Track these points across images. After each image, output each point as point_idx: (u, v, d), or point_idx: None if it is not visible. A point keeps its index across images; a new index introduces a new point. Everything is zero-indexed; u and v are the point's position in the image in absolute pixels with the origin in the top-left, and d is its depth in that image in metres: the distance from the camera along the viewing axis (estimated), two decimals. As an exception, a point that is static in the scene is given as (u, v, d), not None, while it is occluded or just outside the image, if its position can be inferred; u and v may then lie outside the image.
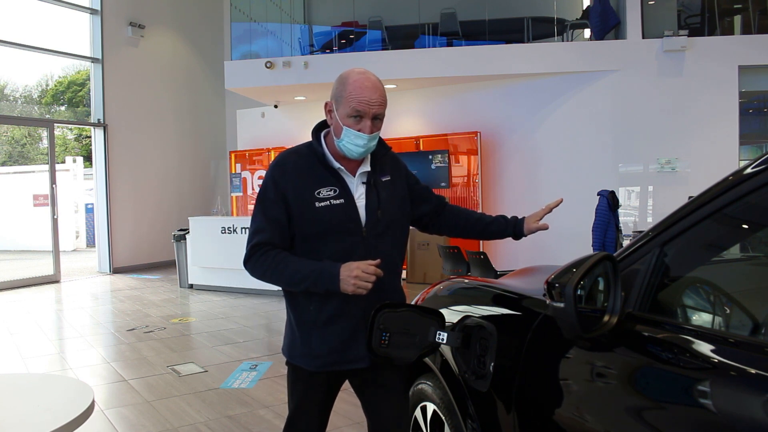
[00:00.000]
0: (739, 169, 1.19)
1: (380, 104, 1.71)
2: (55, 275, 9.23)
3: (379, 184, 1.80)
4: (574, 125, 8.32)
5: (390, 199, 1.82)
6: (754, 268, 1.46)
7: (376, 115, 1.71)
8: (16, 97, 16.49)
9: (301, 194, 1.72)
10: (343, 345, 1.76)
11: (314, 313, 1.76)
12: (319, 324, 1.76)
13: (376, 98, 1.69)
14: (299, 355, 1.80)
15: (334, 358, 1.77)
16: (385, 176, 1.84)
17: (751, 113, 8.43)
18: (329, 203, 1.72)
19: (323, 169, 1.76)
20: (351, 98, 1.68)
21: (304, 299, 1.77)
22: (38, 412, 1.97)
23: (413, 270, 8.25)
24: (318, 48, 10.10)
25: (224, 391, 3.98)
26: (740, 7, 8.66)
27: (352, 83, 1.69)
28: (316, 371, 1.79)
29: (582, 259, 1.27)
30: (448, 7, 9.15)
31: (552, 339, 1.45)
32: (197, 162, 11.89)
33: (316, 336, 1.77)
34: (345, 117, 1.70)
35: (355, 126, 1.69)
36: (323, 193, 1.72)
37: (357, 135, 1.70)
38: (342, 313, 1.75)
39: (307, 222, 1.73)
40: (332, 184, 1.74)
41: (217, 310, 6.73)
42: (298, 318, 1.80)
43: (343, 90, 1.71)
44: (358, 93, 1.68)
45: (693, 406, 1.09)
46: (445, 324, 1.67)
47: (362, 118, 1.69)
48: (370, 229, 1.76)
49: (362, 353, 1.75)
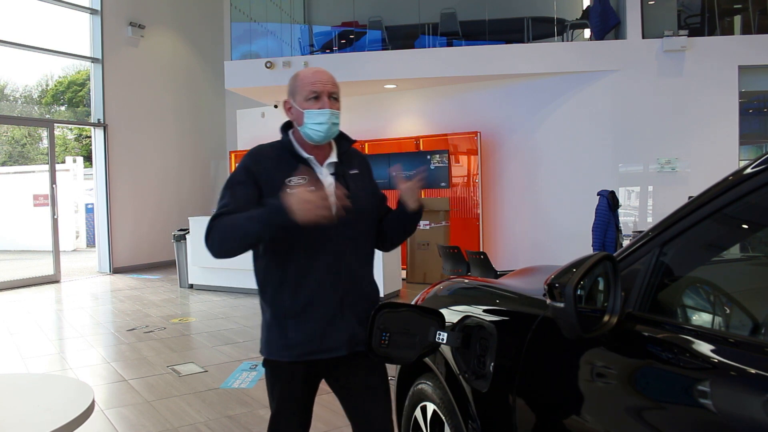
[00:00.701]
0: (739, 169, 1.19)
1: (333, 84, 1.81)
2: (55, 275, 9.23)
3: (347, 175, 1.85)
4: (574, 125, 8.32)
5: (359, 191, 1.85)
6: (754, 268, 1.46)
7: (331, 93, 1.80)
8: (16, 97, 16.50)
9: (273, 182, 1.75)
10: (320, 333, 1.76)
11: (288, 302, 1.76)
12: (293, 313, 1.76)
13: (327, 78, 1.81)
14: (276, 348, 1.79)
15: (312, 347, 1.76)
16: (354, 170, 1.89)
17: (751, 113, 8.43)
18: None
19: (293, 159, 1.81)
20: (305, 84, 1.80)
21: (276, 291, 1.78)
22: (38, 412, 1.97)
23: (413, 270, 8.25)
24: (318, 48, 10.10)
25: (224, 391, 3.98)
26: (740, 7, 8.67)
27: (302, 74, 1.83)
28: (293, 362, 1.78)
29: (582, 259, 1.27)
30: (448, 7, 9.15)
31: (552, 339, 1.45)
32: (197, 162, 11.89)
33: (291, 325, 1.76)
34: (303, 102, 1.79)
35: (315, 106, 1.78)
36: (294, 181, 1.75)
37: (318, 112, 1.77)
38: (316, 301, 1.75)
39: None
40: (303, 172, 1.79)
41: (217, 310, 6.74)
42: (272, 311, 1.80)
43: (295, 82, 1.83)
44: (309, 77, 1.80)
45: (693, 406, 1.09)
46: (445, 324, 1.67)
47: (319, 97, 1.78)
48: (340, 217, 1.77)
49: (340, 341, 1.76)
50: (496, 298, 1.86)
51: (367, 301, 1.85)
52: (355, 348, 1.79)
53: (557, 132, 8.46)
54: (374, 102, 9.80)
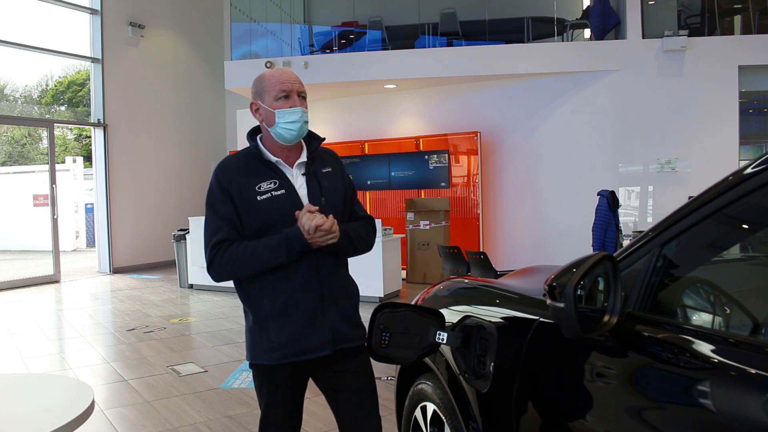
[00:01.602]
0: (739, 169, 1.19)
1: (300, 83, 1.82)
2: (55, 275, 9.23)
3: (319, 174, 1.85)
4: (574, 125, 8.32)
5: (332, 189, 1.86)
6: (754, 268, 1.46)
7: (300, 92, 1.80)
8: (16, 97, 16.49)
9: (244, 191, 1.77)
10: (301, 333, 1.76)
11: (268, 305, 1.77)
12: (274, 315, 1.77)
13: (294, 77, 1.81)
14: (260, 351, 1.80)
15: (295, 348, 1.76)
16: (326, 168, 1.89)
17: (751, 113, 8.43)
18: (270, 195, 1.77)
19: (261, 165, 1.81)
20: (273, 84, 1.79)
21: (257, 294, 1.79)
22: (38, 412, 1.97)
23: (413, 270, 8.25)
24: (318, 48, 10.10)
25: (224, 391, 3.98)
26: (740, 7, 8.67)
27: (268, 75, 1.82)
28: (278, 364, 1.78)
29: (582, 259, 1.27)
30: (448, 7, 9.15)
31: (552, 339, 1.45)
32: (197, 162, 11.89)
33: (273, 328, 1.77)
34: (273, 101, 1.78)
35: (286, 105, 1.78)
36: (264, 187, 1.77)
37: (290, 111, 1.77)
38: (296, 302, 1.76)
39: (253, 217, 1.77)
40: (271, 177, 1.79)
41: (217, 310, 6.74)
42: (254, 314, 1.81)
43: (262, 83, 1.82)
44: (277, 77, 1.80)
45: (693, 406, 1.09)
46: (445, 324, 1.67)
47: (289, 96, 1.78)
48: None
49: (323, 340, 1.77)
50: (496, 298, 1.86)
51: (347, 298, 1.86)
52: (339, 346, 1.79)
53: (557, 132, 8.46)
54: (374, 102, 9.80)
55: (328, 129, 9.69)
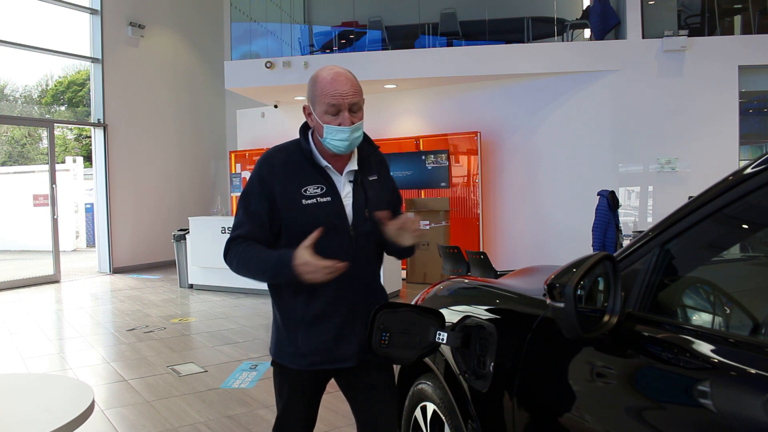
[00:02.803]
0: (739, 169, 1.19)
1: (353, 93, 1.69)
2: (55, 275, 9.23)
3: (366, 183, 1.80)
4: (574, 125, 8.32)
5: (377, 199, 1.81)
6: (754, 268, 1.46)
7: (351, 105, 1.69)
8: (16, 97, 16.48)
9: (288, 191, 1.72)
10: (330, 344, 1.75)
11: (300, 312, 1.75)
12: (305, 323, 1.75)
13: (347, 89, 1.68)
14: (286, 354, 1.79)
15: (321, 358, 1.75)
16: (373, 176, 1.83)
17: (751, 113, 8.43)
18: (316, 201, 1.71)
19: (310, 167, 1.75)
20: (324, 95, 1.68)
21: (290, 298, 1.77)
22: (38, 412, 1.97)
23: (413, 270, 8.25)
24: (318, 48, 10.10)
25: (224, 391, 3.98)
26: (740, 7, 8.67)
27: (321, 80, 1.69)
28: (302, 370, 1.78)
29: (582, 259, 1.27)
30: (448, 7, 9.15)
31: (552, 339, 1.45)
32: (197, 162, 11.89)
33: (302, 335, 1.75)
34: (323, 114, 1.69)
35: (335, 121, 1.68)
36: (310, 191, 1.72)
37: (338, 129, 1.68)
38: (328, 313, 1.74)
39: (294, 219, 1.72)
40: (319, 182, 1.73)
41: (217, 310, 6.74)
42: (283, 317, 1.79)
43: (315, 89, 1.71)
44: (329, 88, 1.67)
45: (693, 406, 1.09)
46: (445, 324, 1.67)
47: (339, 112, 1.68)
48: (357, 227, 1.75)
49: (350, 352, 1.75)
50: (496, 298, 1.86)
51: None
52: (364, 357, 1.77)
53: (557, 132, 8.46)
54: (374, 102, 9.75)
55: (328, 129, 9.66)
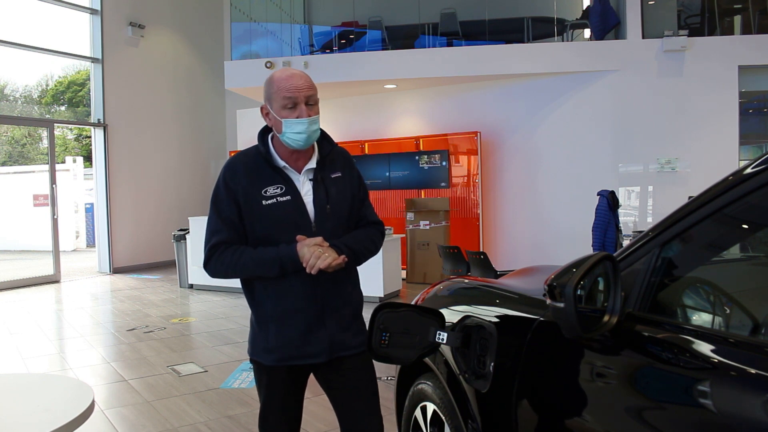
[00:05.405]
0: (739, 169, 1.19)
1: (308, 87, 1.76)
2: (55, 275, 9.23)
3: (327, 180, 1.83)
4: (574, 125, 8.32)
5: (340, 195, 1.84)
6: (754, 268, 1.46)
7: (307, 98, 1.75)
8: (16, 97, 16.48)
9: (250, 194, 1.76)
10: (299, 340, 1.78)
11: (270, 308, 1.79)
12: (275, 318, 1.79)
13: (302, 83, 1.75)
14: (258, 350, 1.83)
15: (290, 353, 1.79)
16: (336, 173, 1.87)
17: (751, 113, 8.43)
18: (276, 200, 1.76)
19: (269, 169, 1.80)
20: (279, 90, 1.74)
21: (260, 294, 1.81)
22: (38, 412, 1.97)
23: (413, 270, 8.25)
24: (318, 48, 10.10)
25: (224, 391, 3.98)
26: (740, 7, 8.67)
27: (277, 79, 1.76)
28: (273, 365, 1.81)
29: (582, 259, 1.26)
30: (448, 7, 9.15)
31: (552, 339, 1.45)
32: (197, 162, 11.89)
33: (272, 330, 1.79)
34: (280, 110, 1.75)
35: (292, 114, 1.74)
36: (270, 191, 1.76)
37: (296, 122, 1.74)
38: (298, 309, 1.78)
39: (256, 221, 1.77)
40: (278, 182, 1.78)
41: (217, 310, 6.74)
42: (256, 313, 1.84)
43: (271, 88, 1.77)
44: (285, 83, 1.74)
45: (693, 406, 1.09)
46: (445, 324, 1.67)
47: (296, 105, 1.74)
48: (319, 224, 1.79)
49: (319, 349, 1.78)
50: (496, 298, 1.86)
51: (349, 306, 1.87)
52: (335, 354, 1.81)
53: (557, 132, 8.46)
54: (374, 102, 9.79)
55: (328, 129, 9.54)
